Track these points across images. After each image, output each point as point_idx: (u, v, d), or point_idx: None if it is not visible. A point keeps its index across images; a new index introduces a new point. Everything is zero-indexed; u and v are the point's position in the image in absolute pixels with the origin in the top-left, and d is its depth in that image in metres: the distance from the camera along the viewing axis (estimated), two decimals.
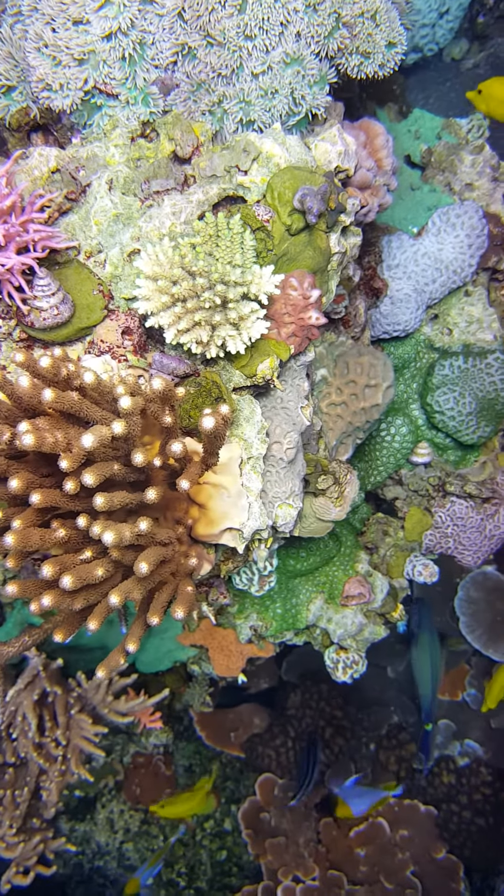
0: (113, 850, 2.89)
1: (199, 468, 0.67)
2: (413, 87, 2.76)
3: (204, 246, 0.78)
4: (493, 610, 2.66)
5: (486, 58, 2.71)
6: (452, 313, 1.28)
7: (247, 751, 2.72)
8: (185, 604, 0.60)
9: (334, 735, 2.69)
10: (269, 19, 0.80)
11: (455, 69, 2.75)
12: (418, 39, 2.41)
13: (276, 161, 0.85)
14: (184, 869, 2.90)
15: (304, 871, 2.71)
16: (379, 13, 0.83)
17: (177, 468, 0.72)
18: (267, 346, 0.87)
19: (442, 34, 2.41)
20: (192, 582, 0.67)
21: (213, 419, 0.63)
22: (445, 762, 2.76)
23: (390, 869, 2.66)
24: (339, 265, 0.90)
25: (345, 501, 1.04)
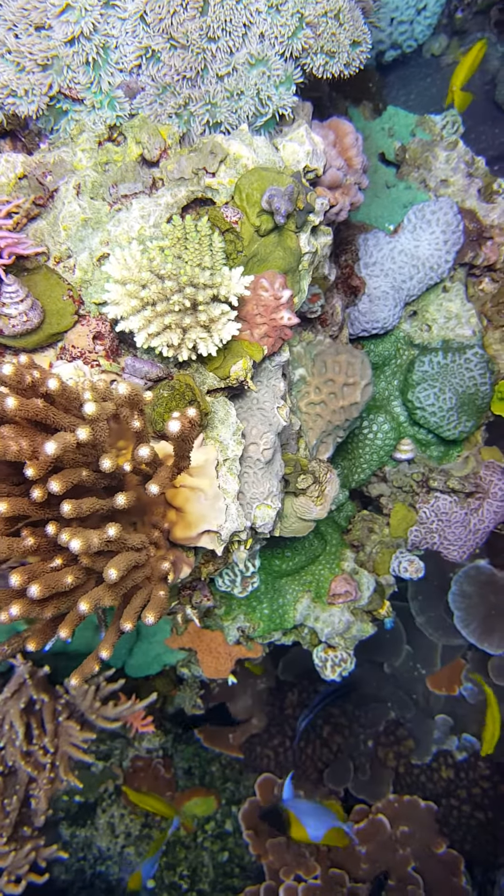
0: (115, 855, 2.88)
1: (169, 472, 0.67)
2: (394, 83, 2.77)
3: (172, 249, 0.78)
4: (486, 603, 2.67)
5: (465, 53, 2.71)
6: (431, 309, 1.28)
7: (245, 752, 2.73)
8: (157, 609, 0.60)
9: (332, 733, 2.69)
10: (232, 21, 0.80)
11: (435, 65, 2.76)
12: (397, 36, 2.41)
13: (243, 162, 0.85)
14: (186, 871, 2.89)
15: (306, 870, 2.71)
16: (342, 12, 0.83)
17: (150, 473, 0.72)
18: (240, 347, 0.87)
19: (420, 30, 2.41)
20: (165, 586, 0.67)
21: (180, 423, 0.63)
22: (444, 757, 2.77)
23: (392, 865, 2.66)
24: (310, 265, 0.90)
25: (325, 500, 1.04)
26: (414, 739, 2.75)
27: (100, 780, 2.80)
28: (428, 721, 2.78)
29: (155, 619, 0.59)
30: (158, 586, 0.66)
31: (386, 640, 2.69)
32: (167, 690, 1.64)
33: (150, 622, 0.59)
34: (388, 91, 2.66)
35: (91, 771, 2.74)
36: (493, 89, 2.68)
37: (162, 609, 0.62)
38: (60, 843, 2.85)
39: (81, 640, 1.31)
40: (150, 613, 0.59)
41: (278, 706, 2.69)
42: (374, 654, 2.71)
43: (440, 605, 2.63)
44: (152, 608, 0.60)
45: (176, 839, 2.91)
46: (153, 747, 2.16)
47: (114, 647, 0.65)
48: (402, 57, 2.43)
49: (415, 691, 2.80)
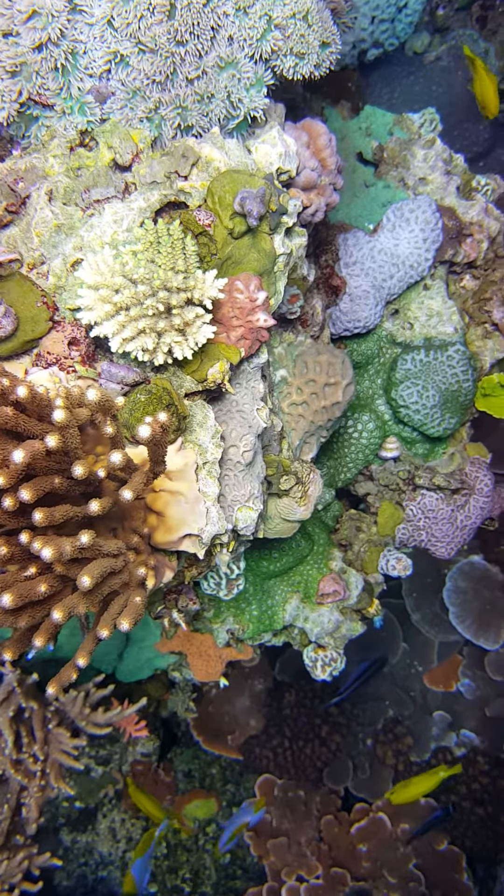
0: (116, 860, 2.88)
1: (143, 477, 0.66)
2: (377, 82, 2.78)
3: (145, 253, 0.78)
4: (481, 599, 2.67)
5: (447, 50, 2.73)
6: (413, 307, 1.29)
7: (244, 753, 2.72)
8: (131, 615, 0.60)
9: (330, 732, 2.69)
10: (200, 24, 0.80)
11: (418, 62, 2.77)
12: (378, 34, 2.42)
13: (215, 165, 0.85)
14: (188, 874, 2.89)
15: (308, 870, 2.71)
16: (310, 14, 0.84)
17: (127, 478, 0.72)
18: (217, 350, 0.87)
19: (402, 28, 2.42)
20: (142, 592, 0.67)
21: (150, 428, 0.63)
22: (442, 753, 2.77)
23: (393, 863, 2.67)
24: (285, 266, 0.90)
25: (309, 501, 1.04)
26: (412, 736, 2.75)
27: (100, 784, 2.79)
28: (426, 718, 2.79)
29: (129, 626, 0.59)
30: (135, 592, 0.66)
31: (382, 638, 2.69)
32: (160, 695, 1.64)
33: (125, 629, 0.59)
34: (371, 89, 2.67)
35: (91, 776, 2.73)
36: None
37: (137, 615, 0.61)
38: (61, 849, 2.84)
39: (71, 647, 1.30)
40: (125, 620, 0.59)
41: (276, 707, 2.69)
42: (370, 652, 2.71)
43: (435, 602, 2.64)
44: (127, 614, 0.60)
45: (177, 842, 2.91)
46: (147, 752, 2.16)
47: (91, 654, 0.64)
48: (384, 55, 2.44)
49: (412, 688, 2.80)
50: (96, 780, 2.75)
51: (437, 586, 2.64)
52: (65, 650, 1.33)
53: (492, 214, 1.31)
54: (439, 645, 2.75)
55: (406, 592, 2.65)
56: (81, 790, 2.77)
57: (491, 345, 1.31)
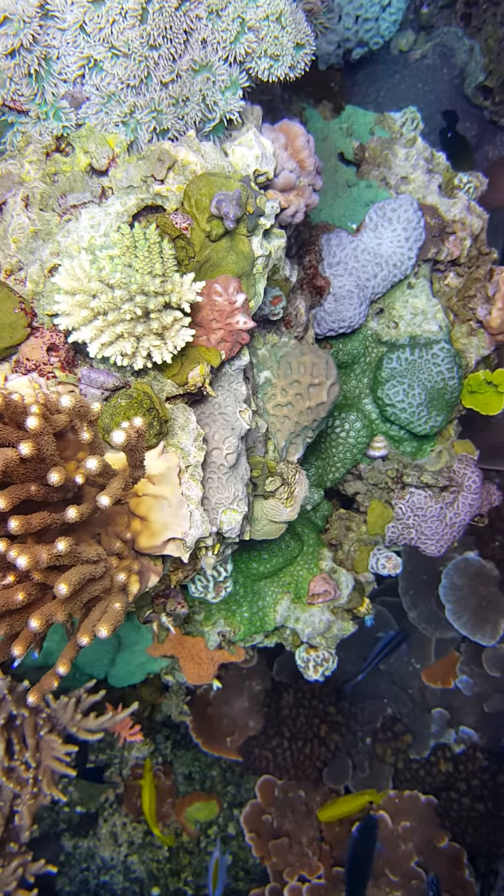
0: (118, 864, 2.87)
1: (121, 482, 0.66)
2: (363, 81, 2.78)
3: (122, 258, 0.78)
4: (477, 595, 2.68)
5: (433, 47, 2.73)
6: (397, 306, 1.29)
7: (244, 754, 2.72)
8: (109, 622, 0.60)
9: (329, 732, 2.69)
10: (172, 28, 0.80)
11: (403, 61, 2.78)
12: (363, 34, 2.42)
13: (192, 168, 0.85)
14: (190, 877, 2.89)
15: (309, 870, 2.71)
16: (284, 15, 0.84)
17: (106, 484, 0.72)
18: (197, 353, 0.87)
19: (386, 27, 2.42)
20: (122, 598, 0.67)
21: (125, 433, 0.63)
22: (442, 750, 2.78)
23: (394, 861, 2.67)
24: (264, 268, 0.90)
25: (295, 502, 1.04)
26: (411, 734, 2.75)
27: (100, 789, 2.79)
28: (425, 715, 2.79)
29: (108, 632, 0.59)
30: (115, 598, 0.66)
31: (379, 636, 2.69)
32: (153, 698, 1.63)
33: (104, 635, 0.59)
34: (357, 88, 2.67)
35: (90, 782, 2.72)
36: (461, 83, 2.69)
37: (116, 621, 0.61)
38: (63, 854, 2.84)
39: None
40: (103, 626, 0.59)
41: (274, 707, 2.69)
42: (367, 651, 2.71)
43: (431, 599, 2.64)
44: (105, 621, 0.60)
45: (179, 845, 2.91)
46: (142, 756, 2.16)
47: (72, 661, 0.64)
48: (369, 54, 2.44)
49: (410, 686, 2.80)
50: (96, 784, 2.75)
51: (432, 584, 2.64)
52: (55, 656, 1.32)
53: (474, 212, 1.31)
54: (436, 642, 2.76)
55: (402, 590, 2.66)
56: (82, 795, 2.76)
57: (476, 342, 1.32)
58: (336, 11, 2.27)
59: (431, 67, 2.79)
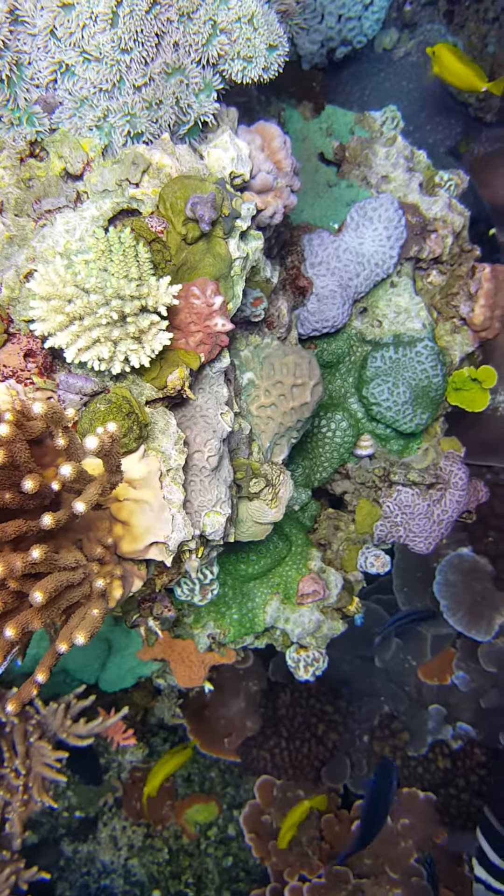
0: (118, 868, 2.87)
1: (97, 488, 0.66)
2: (347, 80, 2.78)
3: (97, 262, 0.78)
4: (471, 591, 2.68)
5: (417, 45, 2.73)
6: (381, 305, 1.29)
7: (242, 755, 2.72)
8: (86, 629, 0.60)
9: (327, 731, 2.69)
10: (143, 31, 0.80)
11: (388, 59, 2.78)
12: (346, 33, 2.42)
13: (167, 171, 0.84)
14: (191, 879, 2.89)
15: (310, 869, 2.71)
16: (256, 17, 0.84)
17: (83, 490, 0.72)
18: (176, 356, 0.87)
19: (369, 25, 2.42)
20: (101, 604, 0.67)
21: (97, 439, 0.62)
22: (439, 747, 2.78)
23: (394, 859, 2.67)
24: (242, 270, 0.90)
25: (280, 502, 1.04)
26: (409, 731, 2.75)
27: (99, 793, 2.78)
28: (422, 712, 2.79)
29: (85, 639, 0.59)
30: (93, 605, 0.66)
31: (375, 634, 2.70)
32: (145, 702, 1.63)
33: (80, 642, 0.59)
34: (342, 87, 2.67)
35: (90, 785, 2.72)
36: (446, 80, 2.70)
37: (94, 628, 0.61)
38: (63, 859, 2.83)
39: None
40: (80, 634, 0.59)
41: (271, 707, 2.69)
42: (363, 649, 2.71)
43: (426, 596, 2.65)
44: (82, 628, 0.60)
45: (179, 847, 2.90)
46: (136, 760, 2.15)
47: (51, 669, 0.64)
48: (353, 53, 2.44)
49: (407, 683, 2.81)
50: (95, 789, 2.75)
51: (427, 580, 2.65)
52: None
53: (455, 209, 1.31)
54: (432, 638, 2.76)
55: (397, 588, 2.66)
56: (81, 799, 2.76)
57: (460, 339, 1.32)
58: (319, 11, 2.27)
59: (416, 65, 2.79)
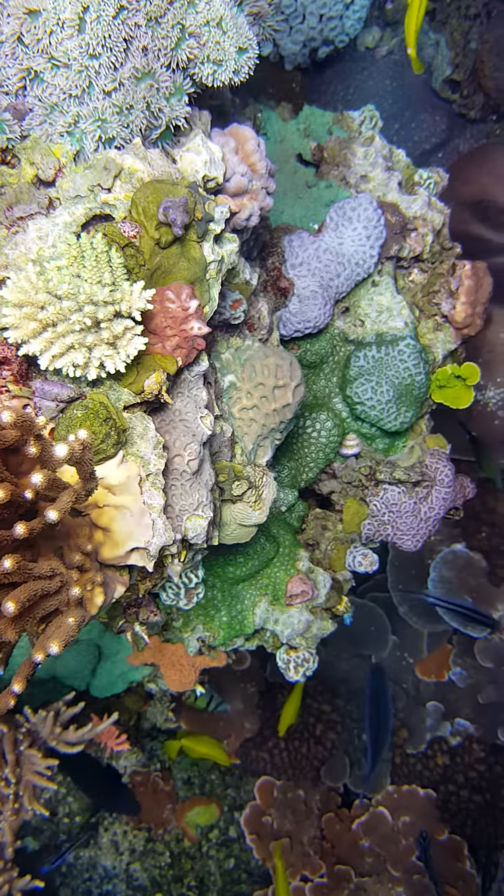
0: (121, 873, 2.86)
1: (71, 496, 0.66)
2: (331, 79, 2.78)
3: (70, 268, 0.77)
4: (466, 587, 2.69)
5: (399, 43, 2.74)
6: (363, 304, 1.29)
7: (241, 756, 2.72)
8: (60, 637, 0.60)
9: (325, 730, 2.70)
10: (111, 36, 0.80)
11: (370, 58, 2.78)
12: (328, 32, 2.43)
13: (139, 176, 0.84)
14: (193, 882, 2.88)
15: (312, 869, 2.71)
16: (224, 20, 0.83)
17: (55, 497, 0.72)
18: (152, 360, 0.87)
19: (351, 24, 2.43)
20: (77, 612, 0.66)
21: (66, 447, 0.62)
22: (438, 744, 2.78)
23: (396, 856, 2.67)
24: (217, 273, 0.90)
25: (263, 504, 1.04)
26: (407, 729, 2.75)
27: None
28: (420, 709, 2.80)
29: (59, 648, 0.59)
30: (69, 613, 0.65)
31: (371, 632, 2.70)
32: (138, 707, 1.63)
33: (54, 651, 0.58)
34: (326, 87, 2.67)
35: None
36: (430, 77, 2.70)
37: (68, 636, 0.61)
38: (65, 865, 2.82)
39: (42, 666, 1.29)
40: (53, 643, 0.59)
41: (269, 708, 2.69)
42: (360, 647, 2.72)
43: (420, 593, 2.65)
44: (55, 637, 0.60)
45: (181, 850, 2.90)
46: (130, 765, 2.15)
47: (28, 678, 0.64)
48: (335, 53, 2.45)
49: (404, 681, 2.81)
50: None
51: (422, 577, 2.65)
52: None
53: (435, 207, 1.31)
54: (428, 635, 2.76)
55: (392, 585, 2.66)
56: (81, 805, 2.75)
57: (442, 336, 1.32)
58: (300, 11, 2.28)
59: (398, 63, 2.80)
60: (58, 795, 2.74)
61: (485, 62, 2.47)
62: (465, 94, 2.65)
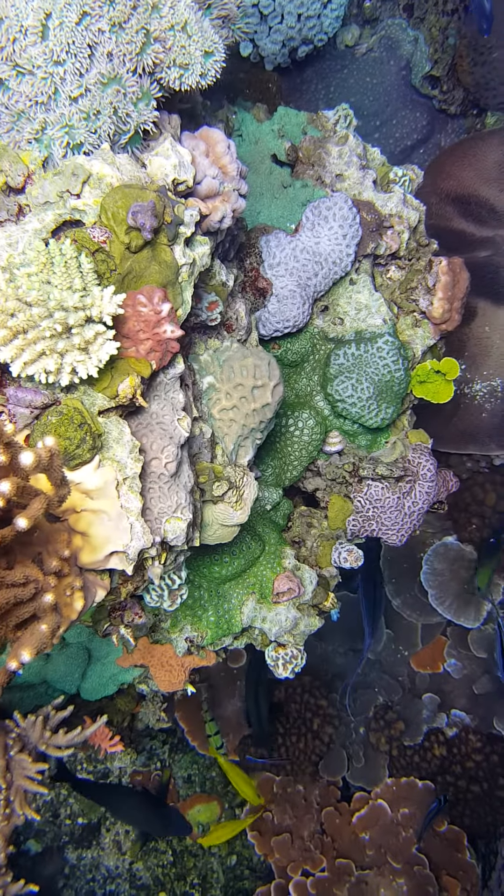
0: (123, 872, 2.87)
1: (41, 503, 0.66)
2: (312, 78, 2.79)
3: (39, 275, 0.78)
4: (458, 579, 2.71)
5: (379, 40, 2.74)
6: (341, 303, 1.30)
7: (240, 754, 2.73)
8: (32, 644, 0.60)
9: (322, 725, 2.71)
10: (75, 43, 0.80)
11: (350, 56, 2.79)
12: (306, 32, 2.43)
13: (108, 181, 0.85)
14: (196, 880, 2.90)
15: (312, 863, 2.72)
16: (189, 24, 0.84)
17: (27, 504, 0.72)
18: (126, 364, 0.88)
19: (329, 23, 2.43)
20: (51, 619, 0.67)
21: (32, 454, 0.63)
22: (435, 735, 2.80)
23: (396, 849, 2.69)
24: (190, 276, 0.90)
25: (244, 504, 1.05)
26: (404, 721, 2.77)
27: None
28: (416, 701, 2.82)
29: (30, 655, 0.59)
30: (43, 620, 0.66)
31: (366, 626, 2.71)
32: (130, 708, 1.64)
33: (25, 659, 0.59)
34: (307, 86, 2.67)
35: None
36: (409, 73, 2.71)
37: (40, 643, 0.62)
38: (67, 867, 2.83)
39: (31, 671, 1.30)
40: (25, 650, 0.59)
41: None
42: (355, 642, 2.73)
43: (414, 586, 2.67)
44: (27, 644, 0.60)
45: (183, 848, 2.91)
46: (125, 766, 2.16)
47: (3, 687, 0.64)
48: (315, 52, 2.45)
49: (400, 673, 2.83)
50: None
51: (414, 570, 2.67)
52: (25, 674, 1.33)
53: (410, 205, 1.32)
54: (422, 628, 2.78)
55: (385, 579, 2.68)
56: (83, 806, 2.76)
57: (421, 332, 1.33)
58: (278, 11, 2.28)
59: (378, 60, 2.81)
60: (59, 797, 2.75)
61: (463, 57, 2.47)
62: (444, 89, 2.66)
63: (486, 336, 2.09)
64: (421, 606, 2.74)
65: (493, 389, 2.12)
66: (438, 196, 2.32)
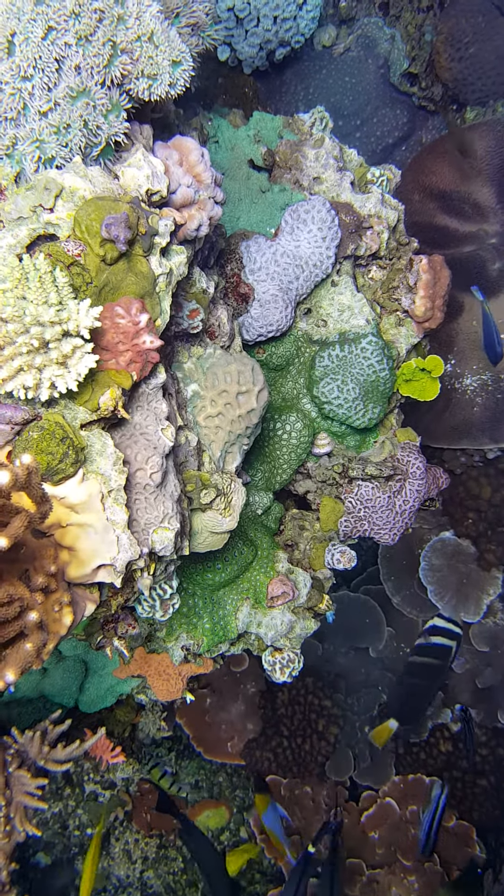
0: (135, 881, 2.86)
1: (22, 520, 0.66)
2: (291, 80, 2.79)
3: (14, 290, 0.78)
4: (456, 574, 2.71)
5: (356, 39, 2.75)
6: (324, 305, 1.30)
7: (246, 757, 2.72)
8: (16, 664, 0.60)
9: (327, 725, 2.71)
10: (42, 57, 0.80)
11: (328, 56, 2.79)
12: (283, 34, 2.43)
13: (80, 194, 0.85)
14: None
15: None
16: (155, 35, 0.84)
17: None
18: (107, 377, 0.87)
19: (305, 24, 2.44)
20: (36, 637, 0.67)
21: (8, 473, 0.63)
22: (440, 730, 2.80)
23: (405, 846, 2.68)
24: (167, 285, 0.90)
25: (233, 510, 1.05)
26: None
27: (109, 808, 2.78)
28: None
29: (14, 675, 0.59)
30: (29, 638, 0.66)
31: (367, 624, 2.71)
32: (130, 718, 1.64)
33: (10, 679, 0.59)
34: (286, 88, 2.68)
35: (99, 801, 2.72)
36: (387, 72, 2.71)
37: (24, 663, 0.61)
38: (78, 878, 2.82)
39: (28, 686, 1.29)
40: (9, 670, 0.59)
41: (270, 708, 2.69)
42: (357, 640, 2.73)
43: (413, 583, 2.67)
44: (11, 664, 0.60)
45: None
46: (127, 777, 2.15)
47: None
48: (293, 53, 2.45)
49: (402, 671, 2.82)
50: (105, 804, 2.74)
51: (412, 567, 2.67)
52: (22, 690, 1.32)
53: (389, 204, 1.32)
54: (423, 624, 2.78)
55: (384, 577, 2.68)
56: (91, 816, 2.75)
57: (405, 331, 1.33)
58: (254, 14, 2.28)
59: (356, 59, 2.81)
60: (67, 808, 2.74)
61: (441, 53, 2.48)
62: (423, 86, 2.67)
63: (475, 331, 2.09)
64: (421, 603, 2.74)
65: (483, 383, 2.13)
66: (421, 193, 2.33)
